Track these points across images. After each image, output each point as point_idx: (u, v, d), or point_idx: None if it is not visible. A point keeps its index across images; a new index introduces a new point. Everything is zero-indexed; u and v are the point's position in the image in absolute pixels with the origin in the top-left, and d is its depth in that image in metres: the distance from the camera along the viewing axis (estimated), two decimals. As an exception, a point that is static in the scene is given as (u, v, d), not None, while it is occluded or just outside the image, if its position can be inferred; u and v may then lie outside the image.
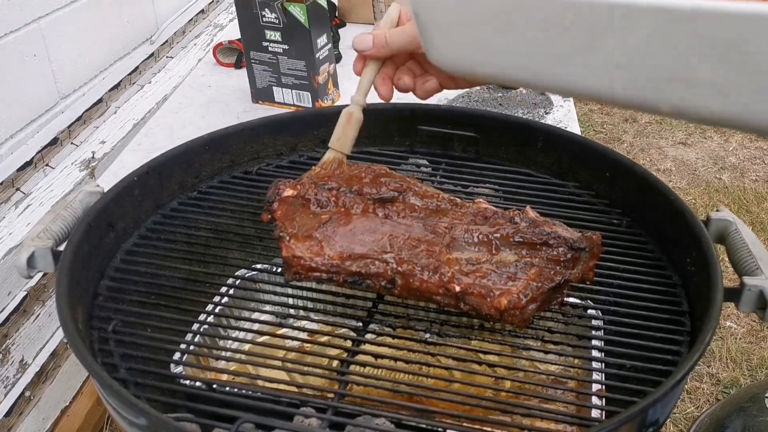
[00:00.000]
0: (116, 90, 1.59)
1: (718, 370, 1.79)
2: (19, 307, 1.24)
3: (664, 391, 0.59)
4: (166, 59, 1.81)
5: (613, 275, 0.78)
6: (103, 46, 1.53)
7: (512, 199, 0.91)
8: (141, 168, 0.87)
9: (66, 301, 0.68)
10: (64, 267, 0.71)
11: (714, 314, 0.66)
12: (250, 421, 0.59)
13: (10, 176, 1.27)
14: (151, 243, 0.84)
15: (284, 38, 1.36)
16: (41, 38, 1.33)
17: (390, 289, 0.71)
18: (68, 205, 0.80)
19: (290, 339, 0.77)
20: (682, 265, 0.78)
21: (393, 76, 0.76)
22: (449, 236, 0.73)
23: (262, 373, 0.69)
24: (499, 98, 1.42)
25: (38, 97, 1.34)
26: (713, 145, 2.78)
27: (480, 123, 1.00)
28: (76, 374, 1.43)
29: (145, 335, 0.72)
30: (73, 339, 0.64)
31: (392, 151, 1.02)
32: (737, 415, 1.35)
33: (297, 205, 0.77)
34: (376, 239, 0.72)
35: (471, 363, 0.72)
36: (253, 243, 0.85)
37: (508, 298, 0.67)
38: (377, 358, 0.71)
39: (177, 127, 1.41)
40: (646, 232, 0.85)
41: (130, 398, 0.59)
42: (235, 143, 0.97)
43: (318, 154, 1.02)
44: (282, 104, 1.44)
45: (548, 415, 0.66)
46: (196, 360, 0.80)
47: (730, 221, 0.79)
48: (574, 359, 0.79)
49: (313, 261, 0.71)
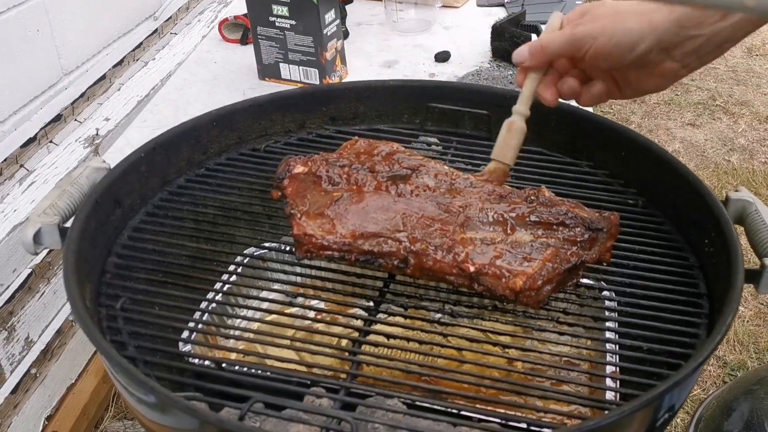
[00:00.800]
0: (120, 66, 1.57)
1: (725, 352, 1.78)
2: (24, 285, 1.23)
3: (685, 374, 0.58)
4: (170, 35, 1.78)
5: (628, 256, 0.77)
6: (106, 21, 1.51)
7: (525, 178, 0.89)
8: (148, 144, 0.85)
9: (74, 279, 0.66)
10: (72, 244, 0.70)
11: (735, 296, 0.64)
12: (261, 401, 0.58)
13: (13, 153, 1.25)
14: (158, 220, 0.83)
15: (292, 13, 1.34)
16: (44, 13, 1.31)
17: (403, 268, 0.69)
18: (74, 181, 0.78)
19: (300, 318, 0.76)
20: (699, 247, 0.77)
21: (557, 82, 0.74)
22: (463, 215, 0.72)
23: (271, 353, 0.68)
24: (509, 76, 1.40)
25: (41, 73, 1.32)
26: (722, 126, 2.76)
27: (492, 101, 0.98)
28: (82, 352, 1.43)
29: (154, 313, 0.71)
30: (81, 317, 0.63)
31: (403, 129, 1.00)
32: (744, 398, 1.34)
33: (308, 182, 0.76)
34: (389, 217, 0.71)
35: (484, 344, 0.70)
36: (261, 221, 0.84)
37: (523, 279, 0.66)
38: (389, 338, 0.69)
39: (182, 104, 1.39)
40: (663, 213, 0.84)
41: (140, 376, 0.58)
42: (243, 120, 0.95)
43: (327, 131, 1.00)
44: (289, 81, 1.42)
45: (563, 396, 0.65)
46: (204, 339, 0.79)
47: (750, 202, 0.77)
48: (589, 341, 0.78)
49: (325, 239, 0.69)
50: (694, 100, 2.92)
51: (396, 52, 1.55)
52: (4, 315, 1.18)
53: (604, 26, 0.68)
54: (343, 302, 0.76)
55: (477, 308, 0.73)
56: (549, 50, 0.72)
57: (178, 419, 0.59)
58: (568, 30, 0.71)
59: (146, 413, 0.63)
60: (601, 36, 0.68)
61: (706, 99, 2.93)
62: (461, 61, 1.50)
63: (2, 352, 1.19)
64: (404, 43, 1.59)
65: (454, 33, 1.64)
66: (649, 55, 0.67)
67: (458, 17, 1.71)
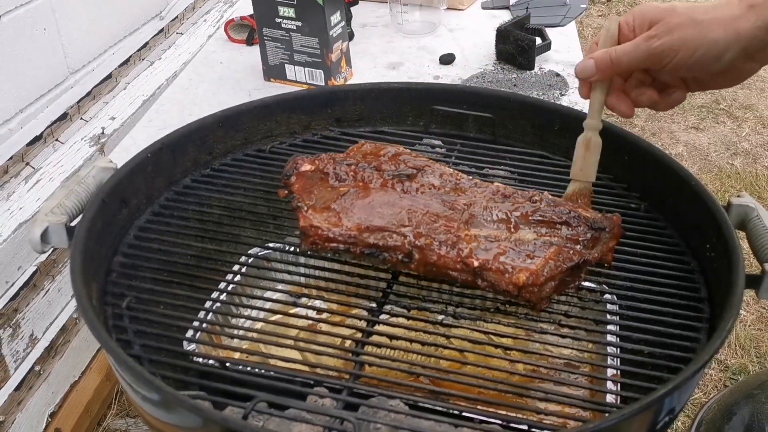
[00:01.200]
0: (126, 66, 1.58)
1: (726, 356, 1.78)
2: (29, 282, 1.24)
3: (685, 378, 0.58)
4: (176, 35, 1.79)
5: (630, 260, 0.78)
6: (112, 21, 1.52)
7: (528, 181, 0.90)
8: (154, 144, 0.86)
9: (80, 278, 0.67)
10: (79, 243, 0.71)
11: (736, 301, 0.65)
12: (264, 400, 0.59)
13: (19, 151, 1.26)
14: (164, 220, 0.84)
15: (298, 15, 1.35)
16: (51, 12, 1.32)
17: (407, 262, 0.70)
18: (81, 181, 0.79)
19: (304, 318, 0.77)
20: (701, 251, 0.77)
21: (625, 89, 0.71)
22: (468, 213, 0.72)
23: (275, 353, 0.68)
24: (513, 79, 1.40)
25: (48, 72, 1.33)
26: (726, 130, 2.76)
27: (496, 103, 0.98)
28: (85, 350, 1.43)
29: (159, 312, 0.71)
30: (88, 315, 0.64)
31: (407, 131, 1.00)
32: (745, 402, 1.34)
33: (315, 179, 0.76)
34: (395, 213, 0.72)
35: (486, 345, 0.71)
36: (266, 221, 0.84)
37: (526, 275, 0.66)
38: (392, 339, 0.70)
39: (188, 104, 1.40)
40: (665, 217, 0.84)
41: (146, 375, 0.59)
42: (249, 121, 0.96)
43: (331, 133, 1.01)
44: (294, 82, 1.43)
45: (564, 399, 0.66)
46: (209, 338, 0.80)
47: (752, 207, 0.77)
48: (590, 344, 0.79)
49: (331, 231, 0.70)
50: (698, 104, 2.92)
51: (401, 54, 1.56)
52: (9, 312, 1.19)
53: (684, 39, 0.65)
54: (346, 303, 0.77)
55: (479, 310, 0.74)
56: (622, 65, 0.68)
57: (183, 417, 0.60)
58: (643, 44, 0.66)
59: (151, 411, 0.64)
60: (684, 49, 0.65)
61: (709, 102, 2.93)
62: (466, 64, 1.50)
63: (7, 349, 1.20)
64: (409, 45, 1.60)
65: (459, 35, 1.64)
66: (734, 62, 0.65)
67: (463, 20, 1.72)
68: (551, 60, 1.50)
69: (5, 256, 1.17)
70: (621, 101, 0.71)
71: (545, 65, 1.47)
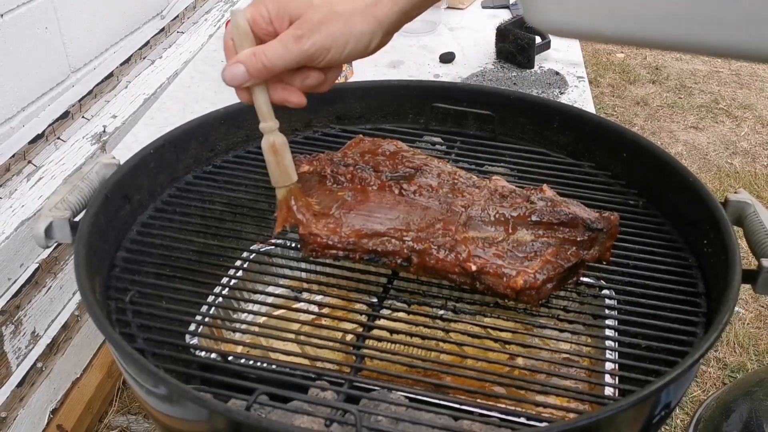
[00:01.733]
0: (127, 64, 1.59)
1: (725, 354, 1.79)
2: (31, 279, 1.24)
3: (681, 370, 0.59)
4: (177, 34, 1.80)
5: (628, 256, 0.78)
6: (113, 20, 1.53)
7: (527, 178, 0.91)
8: (157, 141, 0.87)
9: (84, 272, 0.68)
10: (82, 238, 0.71)
11: (732, 296, 0.65)
12: (267, 392, 0.60)
13: (21, 149, 1.27)
14: (167, 216, 0.84)
15: (298, 14, 1.35)
16: (53, 10, 1.33)
17: (406, 267, 0.71)
18: (85, 177, 0.80)
19: (305, 313, 0.77)
20: (698, 247, 0.78)
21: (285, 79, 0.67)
22: (466, 215, 0.73)
23: (277, 346, 0.69)
24: (513, 78, 1.41)
25: (49, 70, 1.33)
26: (725, 129, 2.76)
27: (495, 101, 0.99)
28: (87, 347, 1.44)
29: (162, 306, 0.72)
30: (92, 309, 0.64)
31: (407, 128, 1.01)
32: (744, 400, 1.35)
33: (313, 181, 0.77)
34: (393, 217, 0.72)
35: (485, 340, 0.72)
36: (267, 218, 0.85)
37: (524, 278, 0.67)
38: (392, 333, 0.71)
39: (189, 102, 1.41)
40: (663, 213, 0.85)
41: (150, 367, 0.59)
42: (250, 118, 0.96)
43: (332, 130, 1.02)
44: (294, 81, 1.43)
45: (563, 392, 0.67)
46: (211, 332, 0.80)
47: (749, 203, 0.78)
48: (588, 338, 0.79)
49: (330, 239, 0.70)
50: (698, 103, 2.93)
51: (401, 53, 1.56)
52: (11, 309, 1.20)
53: (333, 35, 0.63)
54: (347, 298, 0.77)
55: (479, 305, 0.75)
56: (276, 69, 0.65)
57: (187, 410, 0.61)
58: (294, 46, 0.63)
59: (155, 404, 0.65)
60: (335, 46, 0.64)
61: (709, 102, 2.94)
62: (466, 62, 1.51)
63: (9, 346, 1.20)
64: (409, 43, 1.60)
65: (459, 34, 1.65)
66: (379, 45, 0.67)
67: (463, 19, 1.73)
68: (551, 59, 1.51)
69: (7, 254, 1.18)
70: (288, 93, 0.68)
71: (545, 64, 1.48)
